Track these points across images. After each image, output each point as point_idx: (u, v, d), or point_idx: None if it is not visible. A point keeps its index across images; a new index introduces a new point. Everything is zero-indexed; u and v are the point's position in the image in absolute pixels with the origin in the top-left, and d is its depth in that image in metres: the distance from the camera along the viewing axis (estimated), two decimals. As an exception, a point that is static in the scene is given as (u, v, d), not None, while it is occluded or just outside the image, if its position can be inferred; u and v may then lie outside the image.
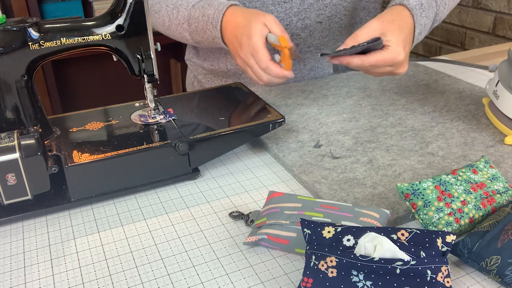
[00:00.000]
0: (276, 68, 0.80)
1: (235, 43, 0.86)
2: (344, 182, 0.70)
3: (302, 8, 1.01)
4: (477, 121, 0.88)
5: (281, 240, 0.57)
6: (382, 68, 0.81)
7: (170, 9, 0.98)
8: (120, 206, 0.69)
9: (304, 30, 1.04)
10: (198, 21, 0.92)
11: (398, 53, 0.79)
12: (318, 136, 0.84)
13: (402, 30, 0.81)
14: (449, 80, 1.08)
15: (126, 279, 0.56)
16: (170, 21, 0.99)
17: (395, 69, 0.82)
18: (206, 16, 0.90)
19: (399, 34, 0.80)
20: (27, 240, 0.63)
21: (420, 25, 0.85)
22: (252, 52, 0.81)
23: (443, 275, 0.48)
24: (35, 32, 0.68)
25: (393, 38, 0.79)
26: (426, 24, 0.87)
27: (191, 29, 0.95)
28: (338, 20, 1.06)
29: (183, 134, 0.73)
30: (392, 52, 0.79)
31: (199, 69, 1.21)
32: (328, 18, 1.04)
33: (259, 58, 0.80)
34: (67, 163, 0.66)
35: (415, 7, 0.84)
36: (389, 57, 0.79)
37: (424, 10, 0.86)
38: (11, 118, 0.70)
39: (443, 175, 0.62)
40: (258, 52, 0.80)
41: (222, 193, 0.72)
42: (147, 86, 0.77)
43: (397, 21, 0.81)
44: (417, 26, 0.84)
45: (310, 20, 1.03)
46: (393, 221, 0.63)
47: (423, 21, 0.86)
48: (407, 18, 0.83)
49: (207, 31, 0.91)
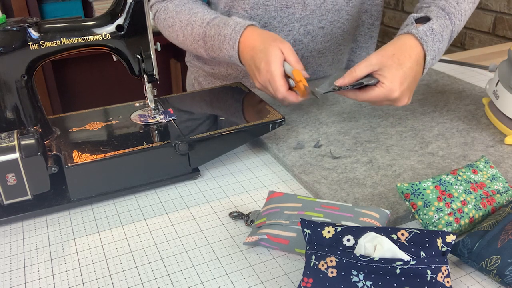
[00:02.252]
0: (292, 97, 0.81)
1: (252, 66, 0.86)
2: (344, 182, 0.70)
3: (305, 14, 1.01)
4: (477, 121, 0.88)
5: (281, 240, 0.57)
6: (380, 102, 0.81)
7: (184, 25, 0.98)
8: (120, 206, 0.69)
9: (307, 36, 1.04)
10: (214, 39, 0.92)
11: (391, 90, 0.77)
12: (318, 136, 0.84)
13: (401, 65, 0.78)
14: (449, 80, 1.08)
15: (126, 279, 0.56)
16: (184, 36, 0.99)
17: (393, 103, 0.80)
18: (222, 36, 0.90)
19: (397, 69, 0.77)
20: (27, 240, 0.63)
21: (432, 51, 0.81)
22: (270, 79, 0.82)
23: (443, 275, 0.48)
24: (35, 32, 0.68)
25: (389, 74, 0.77)
26: (441, 48, 0.84)
27: (207, 47, 0.95)
28: (341, 25, 1.05)
29: (183, 134, 0.73)
30: (385, 89, 0.77)
31: (199, 71, 1.21)
32: (330, 23, 1.04)
33: (276, 87, 0.81)
34: (67, 163, 0.66)
35: (424, 34, 0.80)
36: (381, 94, 0.78)
37: (435, 35, 0.82)
38: (11, 118, 0.70)
39: (443, 175, 0.62)
40: (275, 82, 0.81)
41: (222, 193, 0.72)
42: (147, 86, 0.77)
43: (398, 55, 0.78)
44: (428, 53, 0.81)
45: (312, 26, 1.03)
46: (393, 221, 0.63)
47: (435, 47, 0.82)
48: (412, 49, 0.80)
49: (224, 50, 0.91)
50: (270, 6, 1.00)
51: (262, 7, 1.00)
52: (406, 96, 0.80)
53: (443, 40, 0.84)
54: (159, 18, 1.05)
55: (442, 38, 0.83)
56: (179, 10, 1.00)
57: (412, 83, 0.80)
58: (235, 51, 0.89)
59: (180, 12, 0.99)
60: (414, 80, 0.80)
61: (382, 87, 0.78)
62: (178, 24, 0.99)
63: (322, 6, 1.01)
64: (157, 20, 1.06)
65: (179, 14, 0.99)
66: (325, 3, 1.01)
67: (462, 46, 2.06)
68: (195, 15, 0.97)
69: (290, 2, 1.00)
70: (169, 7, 1.02)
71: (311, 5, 1.00)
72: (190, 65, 1.25)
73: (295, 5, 1.00)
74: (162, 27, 1.05)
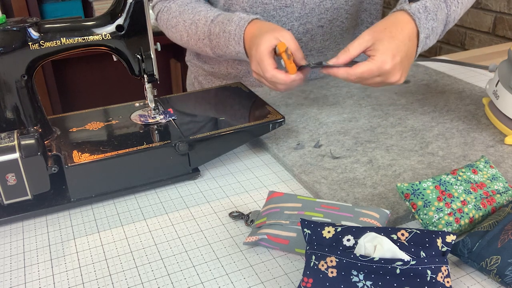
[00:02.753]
0: (280, 75, 0.80)
1: (249, 56, 0.86)
2: (344, 182, 0.70)
3: (304, 13, 1.01)
4: (477, 121, 0.88)
5: (281, 240, 0.57)
6: (372, 79, 0.78)
7: (188, 25, 0.98)
8: (120, 206, 0.69)
9: (306, 35, 1.04)
10: (219, 37, 0.92)
11: (383, 62, 0.75)
12: (318, 136, 0.84)
13: (393, 37, 0.77)
14: (449, 80, 1.08)
15: (126, 279, 0.56)
16: (188, 36, 0.98)
17: (385, 78, 0.78)
18: (227, 33, 0.90)
19: (389, 42, 0.76)
20: (27, 240, 0.63)
21: (426, 29, 0.81)
22: (259, 61, 0.81)
23: (443, 275, 0.48)
24: (35, 32, 0.68)
25: (381, 46, 0.76)
26: (435, 27, 0.82)
27: (213, 45, 0.95)
28: (340, 23, 1.05)
29: (183, 134, 0.73)
30: (376, 62, 0.75)
31: (199, 71, 1.21)
32: (329, 22, 1.04)
33: (264, 67, 0.80)
34: (67, 163, 0.66)
35: (417, 11, 0.80)
36: (374, 67, 0.76)
37: (429, 13, 0.81)
38: (11, 118, 0.70)
39: (443, 175, 0.62)
40: (262, 61, 0.80)
41: (222, 193, 0.72)
42: (147, 86, 0.77)
43: (390, 28, 0.78)
44: (422, 30, 0.80)
45: (311, 25, 1.03)
46: (393, 221, 0.63)
47: (429, 25, 0.81)
48: (405, 24, 0.79)
49: (230, 47, 0.91)
50: (269, 5, 1.00)
51: (261, 5, 1.00)
52: (398, 71, 0.78)
53: (437, 20, 0.83)
54: (161, 19, 1.04)
55: (436, 17, 0.82)
56: (182, 10, 0.99)
57: (405, 59, 0.78)
58: (241, 46, 0.89)
59: (183, 12, 0.99)
60: (406, 56, 0.78)
61: (373, 60, 0.76)
62: (182, 24, 0.99)
63: (321, 4, 1.01)
64: (160, 21, 1.06)
65: (182, 13, 0.99)
66: (324, 1, 1.01)
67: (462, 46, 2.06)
68: (198, 14, 0.96)
69: (289, 1, 1.00)
70: (172, 7, 1.01)
71: (310, 4, 1.00)
72: (190, 65, 1.25)
73: (294, 3, 1.00)
74: (165, 27, 1.04)
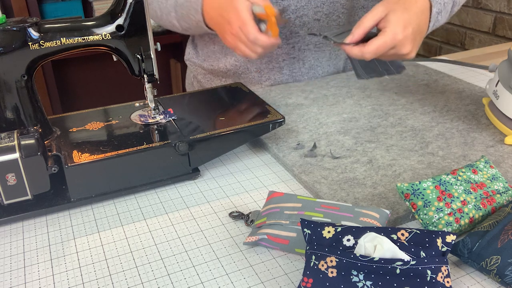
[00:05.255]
0: (263, 38, 0.81)
1: (222, 23, 0.86)
2: (344, 182, 0.70)
3: (300, 6, 1.01)
4: (477, 121, 0.88)
5: (281, 240, 0.57)
6: (386, 54, 0.78)
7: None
8: (120, 206, 0.69)
9: (302, 28, 1.04)
10: (183, 7, 0.94)
11: (395, 33, 0.75)
12: (318, 136, 0.84)
13: (406, 9, 0.76)
14: (449, 80, 1.08)
15: (126, 279, 0.56)
16: (160, 10, 1.00)
17: (397, 50, 0.78)
18: (188, 1, 0.91)
19: (402, 13, 0.76)
20: (27, 240, 0.63)
21: (438, 4, 0.80)
22: (240, 25, 0.82)
23: (443, 275, 0.48)
24: (35, 32, 0.68)
25: (393, 17, 0.76)
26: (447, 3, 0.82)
27: (178, 16, 0.96)
28: (336, 18, 1.05)
29: (183, 134, 0.73)
30: (388, 34, 0.75)
31: (198, 69, 1.21)
32: (326, 15, 1.04)
33: (247, 30, 0.81)
34: (67, 163, 0.66)
35: None
36: (387, 39, 0.76)
37: None
38: (11, 118, 0.70)
39: (443, 175, 0.62)
40: (246, 24, 0.81)
41: (222, 193, 0.72)
42: (147, 86, 0.77)
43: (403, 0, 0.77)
44: (434, 4, 0.79)
45: (308, 18, 1.03)
46: (393, 221, 0.63)
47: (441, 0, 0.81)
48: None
49: (191, 16, 0.92)
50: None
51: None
52: (410, 42, 0.78)
53: None
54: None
55: None
56: None
57: (417, 31, 0.78)
58: (200, 14, 0.89)
59: None
60: (418, 29, 0.78)
61: (385, 32, 0.76)
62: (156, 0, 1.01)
63: None
64: None
65: None
66: None
67: (462, 46, 2.06)
68: None
69: None
70: None
71: None
72: (189, 64, 1.25)
73: None
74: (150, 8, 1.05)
